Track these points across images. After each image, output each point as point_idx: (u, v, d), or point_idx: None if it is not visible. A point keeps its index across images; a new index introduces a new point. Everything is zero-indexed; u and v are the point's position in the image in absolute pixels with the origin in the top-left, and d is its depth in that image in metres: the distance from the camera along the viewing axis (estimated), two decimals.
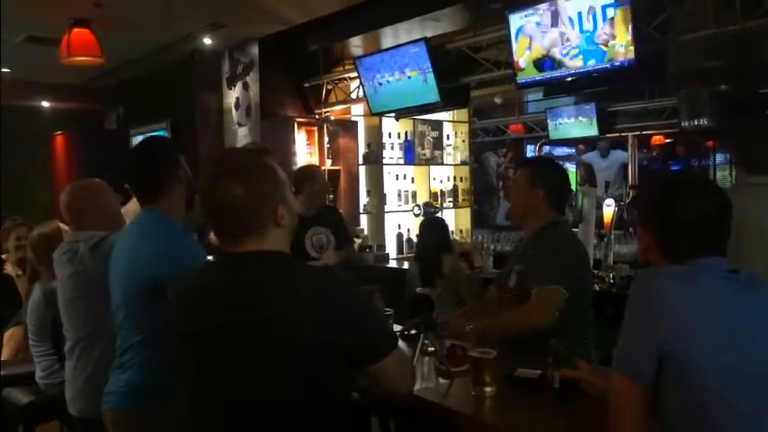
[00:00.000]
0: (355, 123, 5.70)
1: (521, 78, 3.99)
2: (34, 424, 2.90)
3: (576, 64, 3.67)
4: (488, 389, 1.79)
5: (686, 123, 6.08)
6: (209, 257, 1.99)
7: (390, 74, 4.82)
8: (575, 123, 7.07)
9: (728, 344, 1.29)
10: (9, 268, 3.92)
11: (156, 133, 6.33)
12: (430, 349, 2.13)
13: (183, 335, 1.38)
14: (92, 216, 2.32)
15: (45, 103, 7.31)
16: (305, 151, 5.42)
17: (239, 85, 5.79)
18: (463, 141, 6.19)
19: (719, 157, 7.24)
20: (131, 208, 2.80)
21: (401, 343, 1.94)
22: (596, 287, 3.46)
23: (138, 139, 6.64)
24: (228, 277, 1.35)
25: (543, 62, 3.83)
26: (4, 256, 4.05)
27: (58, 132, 7.09)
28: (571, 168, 8.42)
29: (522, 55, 3.91)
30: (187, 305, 1.39)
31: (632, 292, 1.39)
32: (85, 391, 2.20)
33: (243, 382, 1.27)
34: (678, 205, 1.42)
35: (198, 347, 1.33)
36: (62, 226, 2.92)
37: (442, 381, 1.97)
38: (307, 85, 5.80)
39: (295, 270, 1.35)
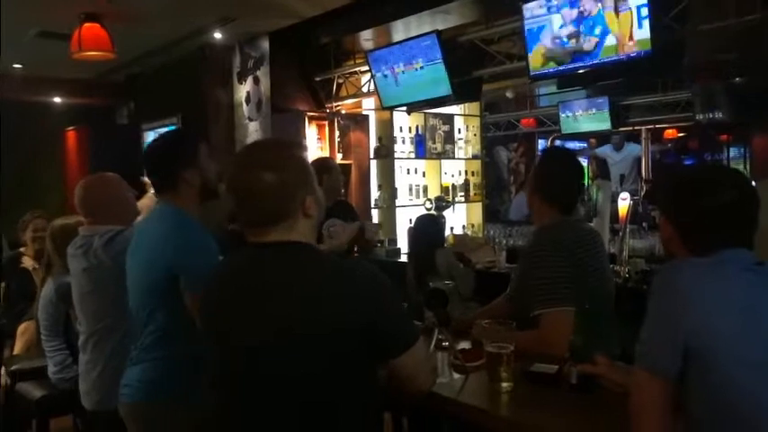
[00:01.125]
0: (366, 117, 5.68)
1: (533, 71, 3.95)
2: (48, 418, 2.91)
3: (591, 52, 3.62)
4: (505, 384, 1.76)
5: (700, 117, 6.02)
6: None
7: (401, 67, 4.79)
8: (587, 117, 7.01)
9: (754, 337, 1.26)
10: (27, 262, 3.95)
11: (168, 128, 6.34)
12: (444, 344, 2.10)
13: (218, 331, 1.37)
14: (106, 210, 2.32)
15: (57, 99, 7.34)
16: (315, 146, 5.40)
17: (250, 79, 5.78)
18: (475, 135, 6.16)
19: (733, 151, 7.17)
20: (146, 203, 2.80)
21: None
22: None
23: (149, 134, 6.67)
24: (258, 268, 1.35)
25: (557, 53, 3.79)
26: (22, 249, 4.08)
27: (70, 128, 7.12)
28: (582, 162, 8.37)
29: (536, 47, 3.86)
30: (219, 300, 1.39)
31: (655, 287, 1.36)
32: (99, 385, 2.20)
33: (277, 376, 1.27)
34: (702, 195, 1.38)
35: (234, 342, 1.32)
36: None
37: (457, 376, 1.94)
38: (317, 79, 5.78)
39: (322, 260, 1.36)
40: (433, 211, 5.08)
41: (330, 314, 1.25)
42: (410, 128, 5.65)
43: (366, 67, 5.20)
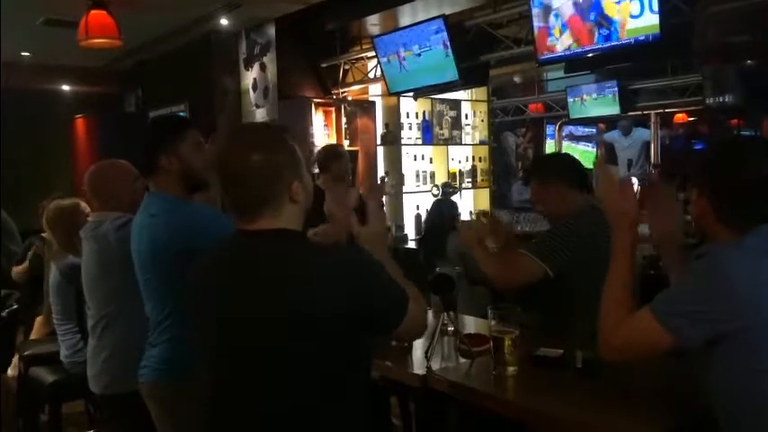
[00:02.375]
0: (373, 103, 5.66)
1: (541, 55, 3.92)
2: (60, 402, 2.95)
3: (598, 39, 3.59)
4: (510, 368, 1.78)
5: (710, 101, 5.95)
6: None
7: (408, 52, 4.77)
8: (595, 102, 6.96)
9: None
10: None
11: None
12: (450, 329, 2.12)
13: (205, 318, 1.38)
14: (116, 197, 2.34)
15: (65, 87, 7.36)
16: (322, 132, 5.40)
17: (256, 66, 5.77)
18: (482, 121, 6.13)
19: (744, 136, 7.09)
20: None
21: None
22: None
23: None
24: (246, 257, 1.34)
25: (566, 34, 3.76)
26: (44, 234, 4.12)
27: (78, 116, 7.14)
28: (589, 149, 8.32)
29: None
30: (207, 287, 1.39)
31: (703, 267, 1.30)
32: (108, 369, 2.23)
33: (262, 363, 1.27)
34: (741, 165, 1.32)
35: (222, 330, 1.33)
36: (84, 205, 2.95)
37: (462, 360, 1.96)
38: (324, 65, 5.76)
39: (310, 248, 1.35)
40: (444, 196, 5.05)
41: (320, 302, 1.24)
42: (417, 114, 5.63)
43: (373, 53, 5.18)
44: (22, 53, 6.18)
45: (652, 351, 1.35)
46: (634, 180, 4.09)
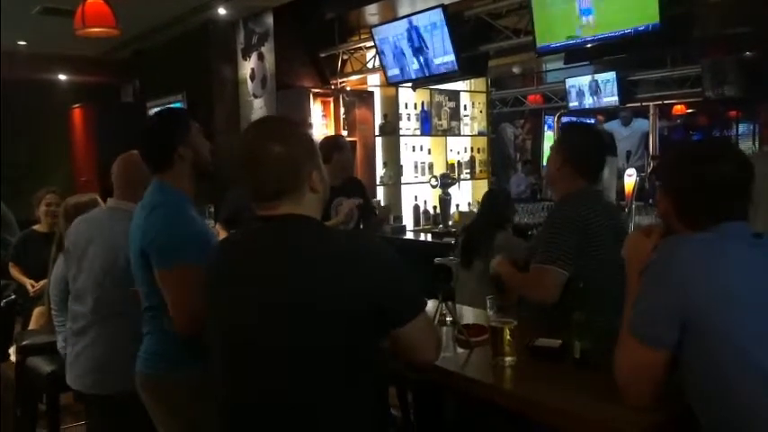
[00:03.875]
0: (371, 94, 5.64)
1: (540, 45, 3.90)
2: (58, 392, 2.95)
3: (599, 28, 3.57)
4: (508, 358, 1.77)
5: (709, 93, 5.94)
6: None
7: (407, 42, 4.75)
8: (594, 93, 6.95)
9: (756, 309, 1.27)
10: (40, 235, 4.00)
11: (173, 105, 6.33)
12: (448, 319, 2.12)
13: (220, 303, 1.39)
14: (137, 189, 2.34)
15: (62, 77, 7.33)
16: (321, 122, 5.38)
17: (254, 55, 5.74)
18: (481, 112, 6.11)
19: (742, 127, 7.09)
20: None
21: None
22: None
23: (154, 112, 6.65)
24: (266, 241, 1.36)
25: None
26: (36, 227, 4.12)
27: (76, 105, 7.12)
28: None
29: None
30: (223, 272, 1.41)
31: (655, 260, 1.37)
32: (93, 368, 2.23)
33: (279, 349, 1.28)
34: (702, 165, 1.38)
35: (234, 316, 1.34)
36: (99, 200, 2.95)
37: (460, 350, 1.96)
38: (322, 55, 5.73)
39: (329, 235, 1.39)
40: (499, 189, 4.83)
41: (337, 287, 1.26)
42: (416, 104, 5.61)
43: (371, 43, 5.15)
44: (19, 42, 6.15)
45: (655, 373, 1.34)
46: (632, 171, 4.10)
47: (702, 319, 1.27)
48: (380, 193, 5.57)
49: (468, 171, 5.93)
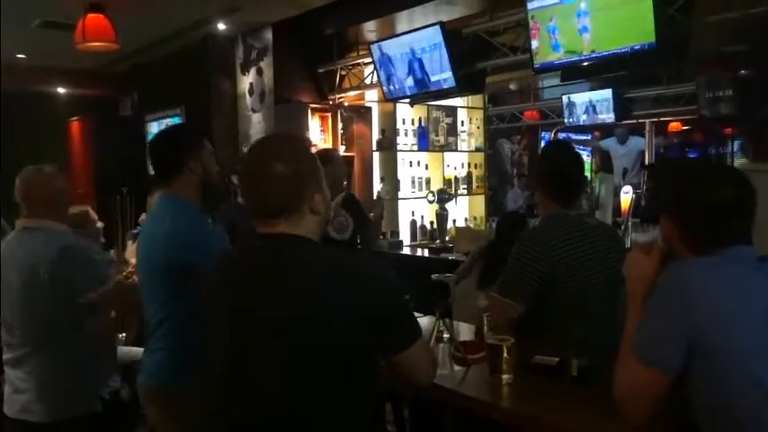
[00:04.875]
0: (369, 109, 5.66)
1: (538, 62, 3.93)
2: None
3: (595, 46, 3.60)
4: (505, 376, 1.77)
5: (705, 110, 5.99)
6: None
7: (405, 58, 4.78)
8: (591, 109, 7.00)
9: (759, 330, 1.28)
10: None
11: (171, 119, 6.34)
12: (445, 336, 2.11)
13: (219, 317, 1.39)
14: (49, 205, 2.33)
15: (60, 90, 7.34)
16: (319, 137, 5.39)
17: (253, 70, 5.77)
18: (478, 128, 6.14)
19: (738, 144, 7.13)
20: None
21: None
22: None
23: (152, 125, 6.67)
24: (264, 260, 1.36)
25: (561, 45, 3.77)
26: None
27: (74, 118, 7.12)
28: (585, 154, 8.33)
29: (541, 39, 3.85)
30: (222, 287, 1.41)
31: (661, 284, 1.37)
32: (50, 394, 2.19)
33: (273, 367, 1.28)
34: (703, 195, 1.38)
35: (235, 332, 1.34)
36: (92, 212, 2.95)
37: (458, 368, 1.95)
38: (321, 70, 5.76)
39: (327, 256, 1.37)
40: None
41: (334, 310, 1.26)
42: (413, 120, 5.64)
43: (369, 59, 5.18)
44: (18, 55, 6.16)
45: (655, 393, 1.35)
46: (628, 188, 4.10)
47: (708, 340, 1.28)
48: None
49: (466, 186, 5.94)
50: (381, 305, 1.31)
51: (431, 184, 5.69)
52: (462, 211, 5.87)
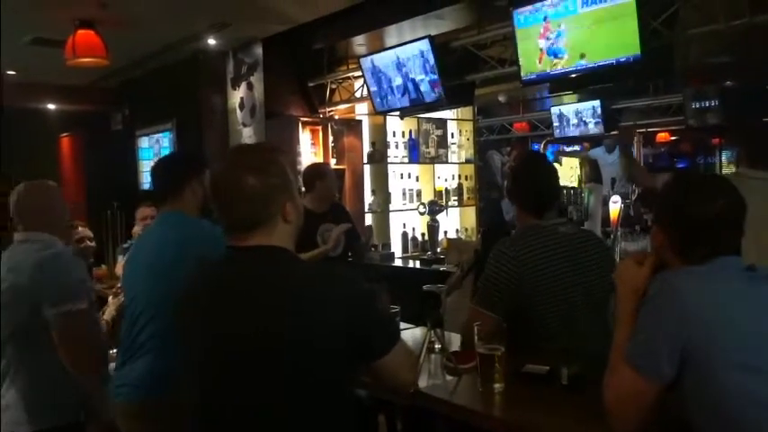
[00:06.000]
0: (360, 122, 5.70)
1: (525, 75, 3.98)
2: None
3: (581, 59, 3.66)
4: (497, 385, 1.78)
5: (692, 120, 6.05)
6: None
7: (394, 71, 4.82)
8: (579, 121, 7.06)
9: (753, 341, 1.30)
10: None
11: (162, 134, 6.36)
12: (437, 346, 2.12)
13: (193, 330, 1.39)
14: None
15: (51, 105, 7.34)
16: (309, 151, 5.42)
17: (243, 85, 5.79)
18: (468, 140, 6.19)
19: (726, 155, 7.20)
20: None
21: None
22: None
23: (143, 140, 6.68)
24: (237, 272, 1.36)
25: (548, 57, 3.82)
26: None
27: (65, 134, 7.12)
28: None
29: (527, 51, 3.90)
30: (197, 301, 1.40)
31: (652, 293, 1.39)
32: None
33: (251, 378, 1.28)
34: (695, 207, 1.40)
35: (210, 344, 1.34)
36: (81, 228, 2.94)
37: (449, 378, 1.96)
38: (311, 84, 5.80)
39: (300, 266, 1.38)
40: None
41: (308, 318, 1.26)
42: (403, 132, 5.67)
43: (359, 73, 5.22)
44: (8, 72, 6.16)
45: (642, 402, 1.36)
46: (617, 198, 4.14)
47: (698, 348, 1.30)
48: (369, 221, 5.59)
49: (456, 198, 5.97)
50: (357, 312, 1.32)
51: (422, 196, 5.72)
52: (453, 223, 5.90)
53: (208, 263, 1.48)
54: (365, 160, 5.59)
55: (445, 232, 5.38)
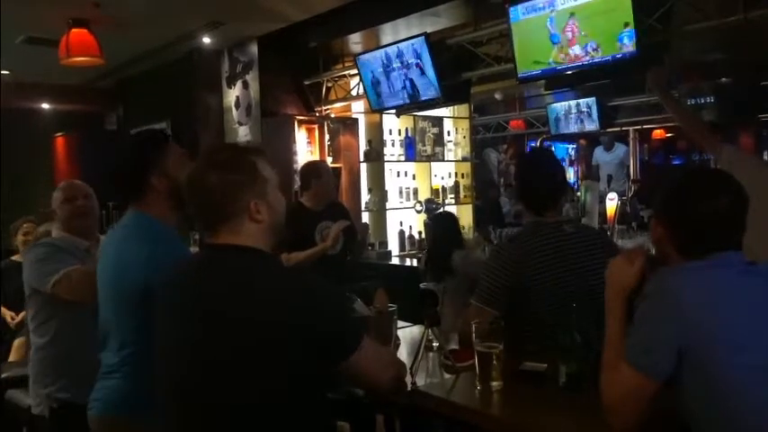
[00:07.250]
0: (356, 120, 5.69)
1: (521, 72, 3.97)
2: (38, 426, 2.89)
3: (577, 56, 3.65)
4: (495, 383, 1.78)
5: None
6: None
7: (390, 69, 4.81)
8: (575, 118, 7.07)
9: (752, 338, 1.30)
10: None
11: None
12: (435, 344, 2.12)
13: (165, 331, 1.40)
14: None
15: (45, 105, 7.31)
16: (306, 149, 5.41)
17: (239, 83, 5.78)
18: (464, 137, 6.18)
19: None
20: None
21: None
22: None
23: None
24: (203, 271, 1.39)
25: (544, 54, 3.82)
26: (14, 258, 4.07)
27: (59, 134, 7.08)
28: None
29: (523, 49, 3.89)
30: (168, 300, 1.42)
31: (651, 291, 1.38)
32: None
33: (217, 379, 1.29)
34: (697, 201, 1.40)
35: (179, 343, 1.35)
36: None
37: (447, 376, 1.96)
38: (307, 82, 5.78)
39: (265, 267, 1.38)
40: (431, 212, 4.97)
41: (267, 316, 1.27)
42: (400, 130, 5.67)
43: (355, 71, 5.21)
44: (2, 71, 6.13)
45: (641, 399, 1.35)
46: (613, 195, 4.15)
47: (696, 345, 1.29)
48: (366, 219, 5.58)
49: (453, 196, 5.97)
50: (321, 311, 1.32)
51: (418, 194, 5.71)
52: (458, 218, 5.88)
53: (183, 260, 1.51)
54: (361, 158, 5.58)
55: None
